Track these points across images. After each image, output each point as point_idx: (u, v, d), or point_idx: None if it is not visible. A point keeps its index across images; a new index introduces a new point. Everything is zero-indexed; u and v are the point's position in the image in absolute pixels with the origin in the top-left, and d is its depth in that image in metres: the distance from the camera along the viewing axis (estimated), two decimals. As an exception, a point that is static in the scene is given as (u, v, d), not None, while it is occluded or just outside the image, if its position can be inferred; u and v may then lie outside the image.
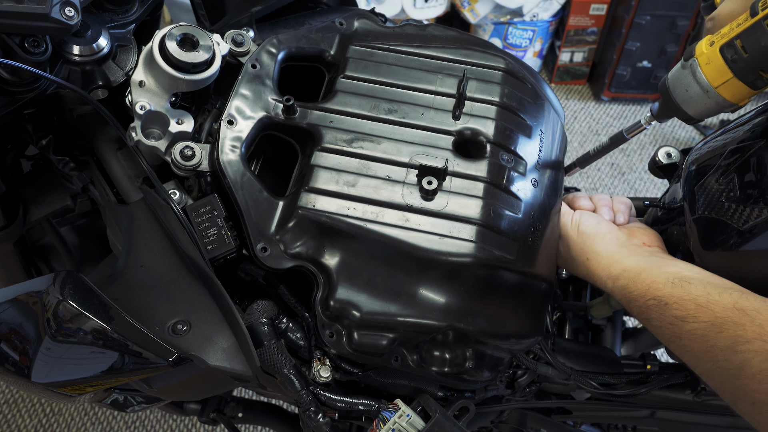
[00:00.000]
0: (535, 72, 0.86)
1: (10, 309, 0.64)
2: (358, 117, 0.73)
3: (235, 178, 0.68)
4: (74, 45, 0.69)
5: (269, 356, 0.68)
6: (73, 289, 0.61)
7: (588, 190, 2.42)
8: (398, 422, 0.68)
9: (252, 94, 0.72)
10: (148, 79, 0.69)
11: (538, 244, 0.71)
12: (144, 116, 0.68)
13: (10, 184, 0.80)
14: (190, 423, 1.78)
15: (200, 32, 0.70)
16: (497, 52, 0.82)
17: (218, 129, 0.70)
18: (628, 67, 2.59)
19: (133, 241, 0.71)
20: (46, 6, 0.60)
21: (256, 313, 0.70)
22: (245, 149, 0.70)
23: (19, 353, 0.62)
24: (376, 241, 0.66)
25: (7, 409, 1.76)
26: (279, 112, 0.72)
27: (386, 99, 0.75)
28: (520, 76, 0.80)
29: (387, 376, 0.73)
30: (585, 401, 0.95)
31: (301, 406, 0.69)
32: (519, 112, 0.76)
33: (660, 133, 2.63)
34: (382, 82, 0.76)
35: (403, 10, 2.53)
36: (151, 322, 0.65)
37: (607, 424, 1.10)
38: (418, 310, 0.66)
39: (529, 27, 2.61)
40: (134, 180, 0.75)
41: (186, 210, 0.69)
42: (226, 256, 0.69)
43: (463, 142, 0.73)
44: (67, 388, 0.65)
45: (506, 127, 0.74)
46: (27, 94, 0.67)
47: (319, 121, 0.72)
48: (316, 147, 0.70)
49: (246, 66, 0.74)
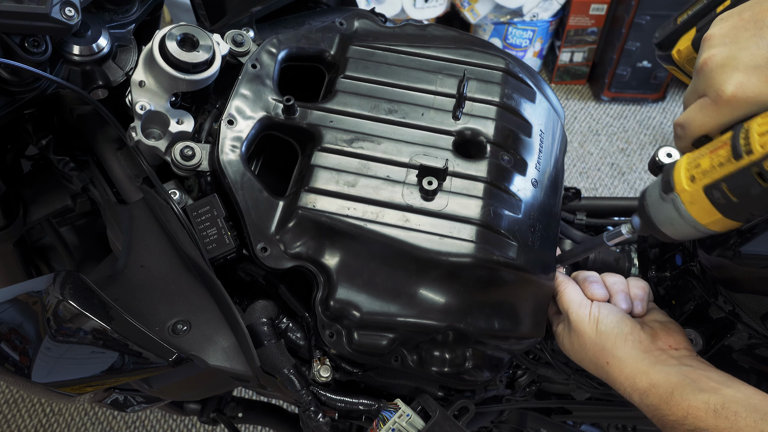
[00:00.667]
0: (535, 72, 0.86)
1: (10, 309, 0.64)
2: (358, 117, 0.73)
3: (235, 178, 0.68)
4: (74, 45, 0.69)
5: (269, 356, 0.68)
6: (73, 289, 0.61)
7: (588, 190, 2.42)
8: (398, 422, 0.68)
9: (252, 94, 0.72)
10: (148, 79, 0.69)
11: (537, 245, 0.71)
12: (144, 116, 0.69)
13: (10, 184, 0.80)
14: (190, 423, 1.78)
15: (200, 32, 0.70)
16: (497, 52, 0.82)
17: (218, 129, 0.70)
18: (628, 67, 2.59)
19: (133, 241, 0.71)
20: (46, 6, 0.60)
21: (256, 313, 0.70)
22: (245, 149, 0.70)
23: (19, 353, 0.62)
24: (376, 242, 0.66)
25: (7, 409, 1.76)
26: (279, 112, 0.72)
27: (386, 99, 0.75)
28: (520, 76, 0.80)
29: (387, 376, 0.73)
30: (585, 401, 0.95)
31: (301, 406, 0.69)
32: (519, 112, 0.76)
33: (660, 133, 2.64)
34: (382, 82, 0.76)
35: (403, 10, 2.53)
36: (151, 322, 0.65)
37: (607, 424, 1.10)
38: (418, 310, 0.66)
39: (529, 27, 2.61)
40: (134, 180, 0.75)
41: (186, 210, 0.69)
42: (226, 256, 0.69)
43: (463, 142, 0.73)
44: (67, 388, 0.65)
45: (506, 127, 0.74)
46: (27, 94, 0.68)
47: (319, 121, 0.72)
48: (316, 147, 0.70)
49: (246, 66, 0.74)
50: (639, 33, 2.49)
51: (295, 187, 0.70)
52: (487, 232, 0.66)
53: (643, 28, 2.47)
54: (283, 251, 0.67)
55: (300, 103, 0.73)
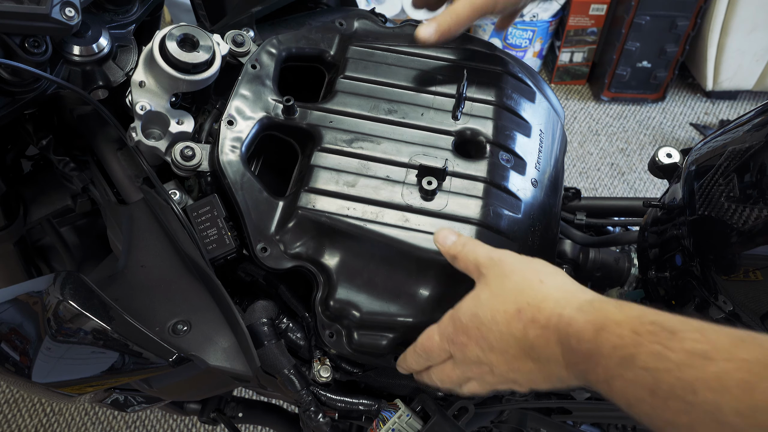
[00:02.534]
0: (535, 72, 0.86)
1: (10, 309, 0.64)
2: (357, 117, 0.73)
3: (235, 178, 0.68)
4: (74, 45, 0.69)
5: (269, 356, 0.68)
6: (73, 289, 0.61)
7: (588, 190, 2.42)
8: (398, 422, 0.68)
9: (252, 95, 0.72)
10: (149, 79, 0.69)
11: (537, 244, 0.71)
12: (144, 116, 0.69)
13: (10, 184, 0.80)
14: (190, 423, 1.78)
15: (200, 32, 0.70)
16: (497, 52, 0.82)
17: (218, 129, 0.70)
18: (627, 67, 2.59)
19: (133, 241, 0.71)
20: (46, 6, 0.60)
21: (257, 313, 0.70)
22: (245, 149, 0.70)
23: (19, 353, 0.62)
24: (376, 242, 0.66)
25: (7, 409, 1.76)
26: (279, 112, 0.72)
27: (386, 99, 0.75)
28: (519, 76, 0.80)
29: (387, 376, 0.73)
30: (585, 401, 0.95)
31: (301, 406, 0.69)
32: (518, 112, 0.77)
33: (659, 134, 2.64)
34: (381, 82, 0.76)
35: (403, 10, 2.53)
36: (151, 322, 0.65)
37: (607, 424, 1.10)
38: (418, 310, 0.66)
39: (529, 27, 2.61)
40: (134, 180, 0.75)
41: (186, 210, 0.69)
42: (226, 256, 0.69)
43: (463, 142, 0.73)
44: (68, 388, 0.65)
45: (506, 127, 0.74)
46: (27, 95, 0.68)
47: (319, 122, 0.72)
48: (316, 147, 0.70)
49: (246, 66, 0.74)
50: (639, 33, 2.49)
51: (295, 188, 0.70)
52: (486, 231, 0.66)
53: (643, 29, 2.47)
54: (282, 251, 0.67)
55: (300, 103, 0.73)
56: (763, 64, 2.60)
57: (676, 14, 2.45)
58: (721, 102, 2.77)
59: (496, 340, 0.54)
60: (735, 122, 0.71)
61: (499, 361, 0.55)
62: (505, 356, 0.54)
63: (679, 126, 2.68)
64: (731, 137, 0.68)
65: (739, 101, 2.79)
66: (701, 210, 0.66)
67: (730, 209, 0.62)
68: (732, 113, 2.75)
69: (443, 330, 0.59)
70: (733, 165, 0.64)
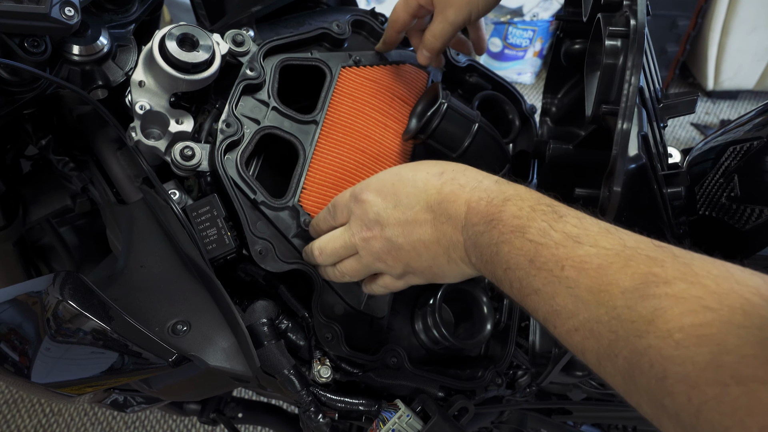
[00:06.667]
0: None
1: (10, 309, 0.64)
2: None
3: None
4: (74, 45, 0.69)
5: (269, 356, 0.67)
6: (73, 289, 0.61)
7: (588, 190, 2.42)
8: (398, 423, 0.68)
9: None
10: (148, 79, 0.69)
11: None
12: (144, 116, 0.68)
13: (10, 184, 0.80)
14: (190, 423, 1.78)
15: (200, 32, 0.70)
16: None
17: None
18: (628, 67, 2.59)
19: (133, 241, 0.71)
20: (46, 6, 0.60)
21: (256, 313, 0.70)
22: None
23: (18, 353, 0.62)
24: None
25: (7, 409, 1.76)
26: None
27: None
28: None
29: (387, 376, 0.73)
30: (585, 401, 0.95)
31: (301, 406, 0.69)
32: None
33: (660, 133, 2.63)
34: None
35: (403, 10, 2.53)
36: (151, 322, 0.65)
37: (607, 424, 1.10)
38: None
39: (529, 27, 2.61)
40: (134, 180, 0.75)
41: (186, 210, 0.69)
42: (226, 256, 0.68)
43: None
44: (67, 389, 0.64)
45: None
46: (27, 94, 0.67)
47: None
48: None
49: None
50: (639, 33, 2.48)
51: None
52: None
53: (644, 28, 2.47)
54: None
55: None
56: (763, 64, 2.60)
57: (677, 14, 2.45)
58: (722, 102, 2.77)
59: (405, 196, 0.56)
60: (736, 122, 0.71)
61: (396, 220, 0.56)
62: (405, 214, 0.56)
63: (679, 126, 2.67)
64: (732, 137, 0.68)
65: (740, 101, 2.78)
66: (702, 210, 0.66)
67: (731, 209, 0.62)
68: (733, 113, 2.75)
69: (357, 187, 0.61)
70: (734, 165, 0.64)
